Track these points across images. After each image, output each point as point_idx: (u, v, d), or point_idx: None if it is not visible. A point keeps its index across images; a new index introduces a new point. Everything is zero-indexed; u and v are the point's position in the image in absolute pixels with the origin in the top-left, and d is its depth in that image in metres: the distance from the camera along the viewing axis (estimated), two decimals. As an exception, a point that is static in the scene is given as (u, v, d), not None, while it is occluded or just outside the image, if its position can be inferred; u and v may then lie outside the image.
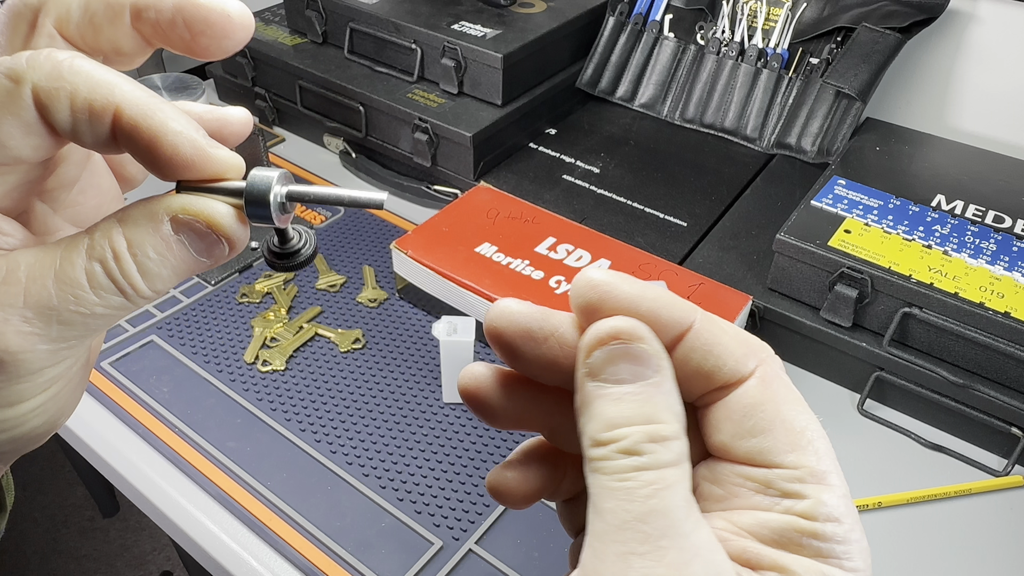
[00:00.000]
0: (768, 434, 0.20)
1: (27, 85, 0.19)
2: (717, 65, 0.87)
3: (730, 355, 0.21)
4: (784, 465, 0.20)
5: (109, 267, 0.20)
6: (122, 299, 0.21)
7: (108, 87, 0.19)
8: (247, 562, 0.52)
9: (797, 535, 0.20)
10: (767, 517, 0.20)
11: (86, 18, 0.21)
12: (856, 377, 0.65)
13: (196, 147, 0.20)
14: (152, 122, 0.20)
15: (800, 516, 0.20)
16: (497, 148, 0.84)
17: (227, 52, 0.22)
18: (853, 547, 0.20)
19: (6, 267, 0.20)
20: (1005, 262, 0.62)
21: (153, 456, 0.58)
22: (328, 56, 0.92)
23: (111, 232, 0.20)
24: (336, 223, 0.81)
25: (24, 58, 0.19)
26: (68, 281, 0.20)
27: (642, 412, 0.20)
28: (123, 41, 0.22)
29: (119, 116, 0.19)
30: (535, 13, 0.89)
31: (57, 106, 0.19)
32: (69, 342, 0.21)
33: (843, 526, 0.20)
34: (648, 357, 0.20)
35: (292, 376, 0.64)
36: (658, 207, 0.78)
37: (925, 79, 0.85)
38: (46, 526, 1.51)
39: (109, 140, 0.20)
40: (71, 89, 0.19)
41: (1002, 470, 0.59)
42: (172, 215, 0.21)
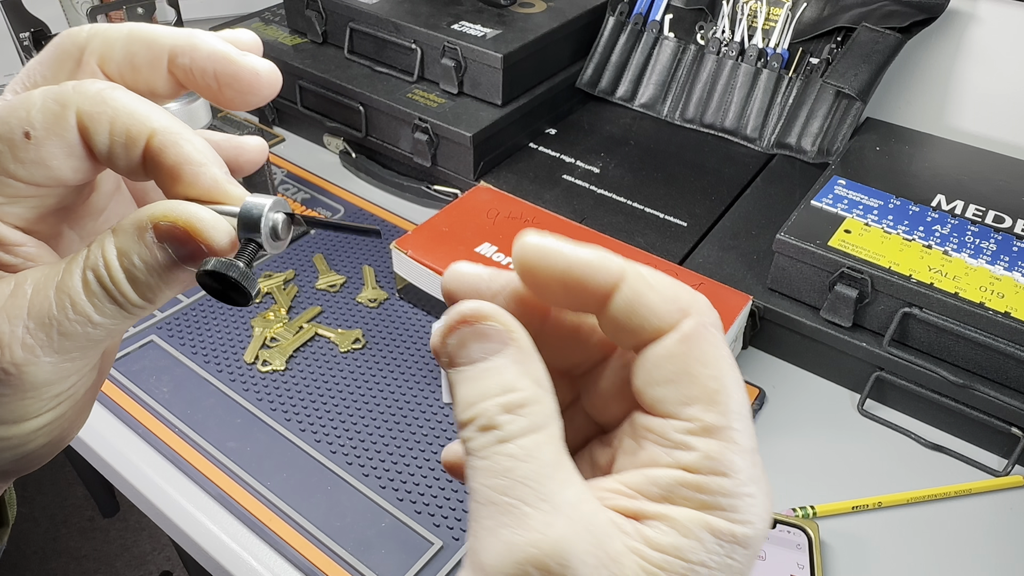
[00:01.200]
0: (672, 384, 0.21)
1: (72, 109, 0.21)
2: (717, 65, 0.87)
3: (653, 312, 0.21)
4: (680, 416, 0.20)
5: (100, 275, 0.21)
6: (116, 307, 0.21)
7: (144, 115, 0.21)
8: (247, 562, 0.52)
9: (680, 488, 0.20)
10: (656, 473, 0.20)
11: (127, 59, 0.23)
12: (856, 377, 0.65)
13: (214, 181, 0.22)
14: (179, 151, 0.21)
15: (685, 469, 0.20)
16: (497, 148, 0.84)
17: (250, 106, 0.24)
18: (742, 501, 0.20)
19: (15, 282, 0.21)
20: (1005, 262, 0.62)
21: (153, 456, 0.58)
22: (328, 56, 0.92)
23: (104, 241, 0.21)
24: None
25: (71, 86, 0.21)
26: (66, 290, 0.21)
27: (497, 385, 0.20)
28: (158, 83, 0.23)
29: (150, 142, 0.21)
30: (535, 13, 0.89)
31: (98, 129, 0.21)
32: (71, 354, 0.21)
33: (732, 480, 0.20)
34: (497, 333, 0.21)
35: (292, 376, 0.64)
36: (658, 207, 0.78)
37: (925, 79, 0.85)
38: (46, 526, 1.51)
39: (139, 166, 0.21)
40: (111, 115, 0.21)
41: (1002, 470, 0.59)
42: (155, 222, 0.21)
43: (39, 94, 0.21)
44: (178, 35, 0.23)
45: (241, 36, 0.25)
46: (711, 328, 0.21)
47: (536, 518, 0.19)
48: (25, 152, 0.21)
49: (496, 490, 0.19)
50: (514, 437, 0.20)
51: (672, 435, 0.20)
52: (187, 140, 0.21)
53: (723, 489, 0.20)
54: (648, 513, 0.20)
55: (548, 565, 0.18)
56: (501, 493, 0.19)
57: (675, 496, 0.20)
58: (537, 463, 0.19)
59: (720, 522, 0.19)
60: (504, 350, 0.21)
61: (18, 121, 0.20)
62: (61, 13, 1.01)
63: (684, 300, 0.21)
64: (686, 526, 0.19)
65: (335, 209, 0.83)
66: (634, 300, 0.21)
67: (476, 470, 0.20)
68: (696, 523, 0.19)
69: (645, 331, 0.21)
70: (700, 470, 0.20)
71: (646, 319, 0.21)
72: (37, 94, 0.21)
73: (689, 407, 0.20)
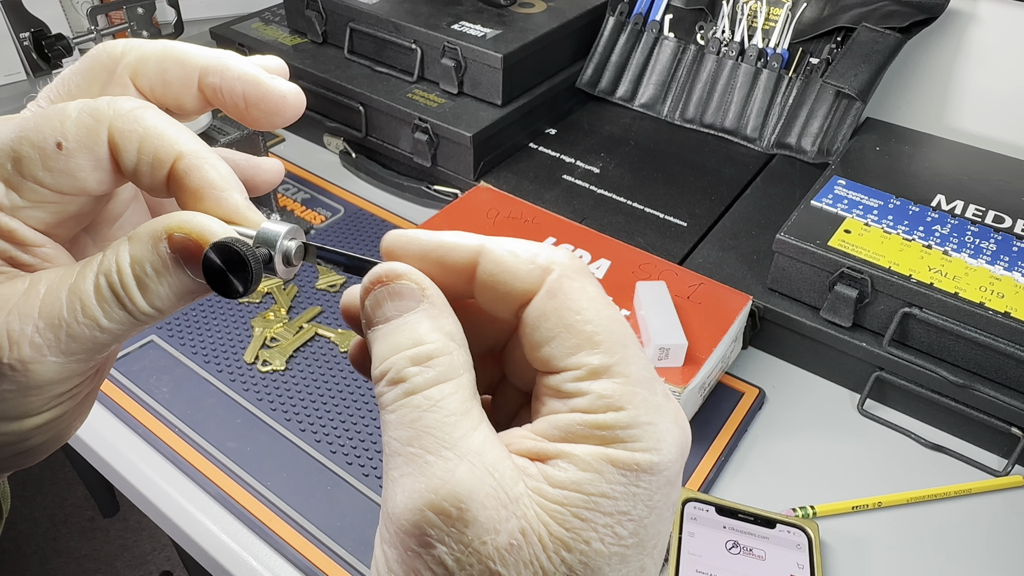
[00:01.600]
0: (554, 341, 0.21)
1: (105, 125, 0.21)
2: (717, 65, 0.87)
3: (516, 276, 0.22)
4: (568, 367, 0.21)
5: (112, 280, 0.21)
6: (125, 313, 0.22)
7: (173, 137, 0.22)
8: (247, 562, 0.52)
9: (579, 428, 0.20)
10: (557, 419, 0.21)
11: (159, 75, 0.24)
12: (856, 377, 0.65)
13: (235, 206, 0.22)
14: (203, 175, 0.22)
15: (582, 411, 0.20)
16: (497, 148, 0.84)
17: (275, 127, 0.25)
18: (641, 430, 0.20)
19: (30, 282, 0.21)
20: (1005, 262, 0.62)
21: (153, 456, 0.58)
22: (328, 56, 0.92)
23: (119, 248, 0.22)
24: (336, 223, 0.81)
25: (105, 101, 0.22)
26: (78, 293, 0.21)
27: (408, 339, 0.21)
28: (187, 100, 0.24)
29: (176, 164, 0.22)
30: (535, 13, 0.89)
31: (127, 147, 0.22)
32: (77, 356, 0.22)
33: (628, 412, 0.20)
34: (409, 291, 0.22)
35: (292, 376, 0.64)
36: (658, 207, 0.78)
37: (925, 79, 0.85)
38: (46, 526, 1.51)
39: (163, 185, 0.22)
40: (142, 134, 0.22)
41: (1002, 470, 0.59)
42: (170, 233, 0.22)
43: (75, 107, 0.21)
44: (210, 55, 0.24)
45: (269, 62, 0.26)
46: (575, 276, 0.22)
47: (438, 465, 0.19)
48: (55, 162, 0.21)
49: (402, 441, 0.20)
50: (421, 388, 0.20)
51: (565, 387, 0.21)
52: (212, 166, 0.22)
53: (619, 422, 0.20)
54: (550, 453, 0.20)
55: (446, 509, 0.19)
56: (407, 444, 0.20)
57: (575, 435, 0.20)
58: (442, 412, 0.20)
59: (620, 453, 0.20)
60: (417, 307, 0.21)
61: (51, 131, 0.21)
62: (61, 13, 1.01)
63: (543, 258, 0.22)
64: (585, 460, 0.20)
65: (335, 209, 0.83)
66: (495, 270, 0.22)
67: (386, 424, 0.20)
68: (595, 456, 0.20)
69: (514, 296, 0.22)
70: (596, 410, 0.20)
71: (511, 284, 0.22)
72: (73, 107, 0.21)
73: (573, 356, 0.21)
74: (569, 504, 0.19)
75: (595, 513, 0.19)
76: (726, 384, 0.65)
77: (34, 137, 0.21)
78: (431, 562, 0.19)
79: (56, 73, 1.03)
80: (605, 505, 0.19)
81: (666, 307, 0.60)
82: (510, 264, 0.22)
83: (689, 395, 0.57)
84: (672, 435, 0.20)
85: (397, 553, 0.20)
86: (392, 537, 0.20)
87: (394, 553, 0.20)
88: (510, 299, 0.22)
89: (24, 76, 1.01)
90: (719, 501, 0.54)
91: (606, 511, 0.19)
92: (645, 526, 0.20)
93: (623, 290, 0.63)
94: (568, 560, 0.19)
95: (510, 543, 0.19)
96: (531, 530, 0.19)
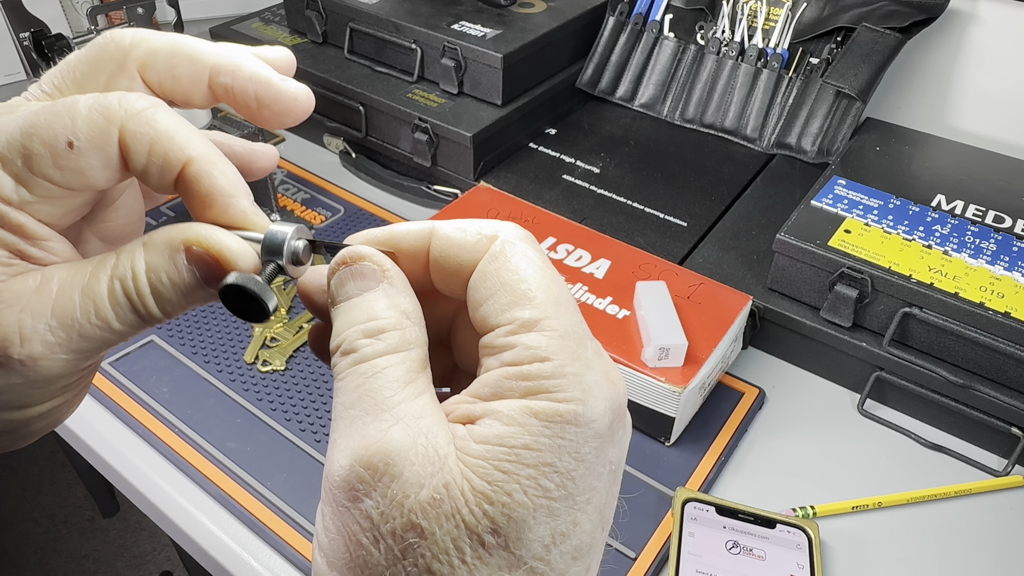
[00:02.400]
0: (491, 299, 0.22)
1: (117, 125, 0.21)
2: (717, 65, 0.87)
3: (463, 249, 0.23)
4: (501, 323, 0.21)
5: (127, 286, 0.22)
6: (136, 317, 0.22)
7: (183, 141, 0.22)
8: (247, 562, 0.52)
9: (507, 381, 0.21)
10: (487, 376, 0.21)
11: (169, 71, 0.24)
12: (856, 377, 0.65)
13: (243, 212, 0.23)
14: (212, 181, 0.22)
15: (509, 364, 0.21)
16: (497, 148, 0.84)
17: (283, 126, 0.25)
18: (565, 380, 0.20)
19: (42, 278, 0.22)
20: (1005, 262, 0.62)
21: (153, 456, 0.58)
22: (328, 56, 0.92)
23: (135, 254, 0.22)
24: (336, 223, 0.81)
25: (116, 100, 0.22)
26: (91, 295, 0.22)
27: (363, 314, 0.22)
28: (196, 96, 0.24)
29: (185, 168, 0.22)
30: (535, 13, 0.89)
31: (138, 149, 0.22)
32: (86, 354, 0.22)
33: (552, 363, 0.20)
34: (370, 271, 0.23)
35: (292, 376, 0.64)
36: (658, 207, 0.78)
37: (925, 79, 0.85)
38: (46, 526, 1.51)
39: (171, 186, 0.23)
40: (153, 136, 0.22)
41: (1002, 470, 0.59)
42: (188, 245, 0.22)
43: (85, 105, 0.21)
44: (221, 54, 0.24)
45: (276, 53, 0.26)
46: (517, 242, 0.23)
47: (373, 426, 0.20)
48: (66, 160, 0.21)
49: (345, 405, 0.21)
50: (369, 358, 0.21)
51: (497, 341, 0.21)
52: (221, 171, 0.22)
53: (543, 372, 0.20)
54: (478, 413, 0.21)
55: (374, 464, 0.19)
56: (349, 407, 0.21)
57: (503, 390, 0.21)
58: (384, 379, 0.21)
59: (542, 404, 0.20)
60: (377, 287, 0.22)
61: (63, 129, 0.21)
62: (61, 13, 1.01)
63: (489, 228, 0.23)
64: (508, 415, 0.20)
65: (335, 209, 0.83)
66: (444, 245, 0.23)
67: (335, 392, 0.21)
68: (518, 410, 0.20)
69: (464, 269, 0.23)
70: (522, 361, 0.21)
71: (460, 257, 0.23)
72: (83, 104, 0.21)
73: (506, 312, 0.21)
74: (491, 458, 0.20)
75: (517, 465, 0.19)
76: (726, 384, 0.65)
77: (45, 134, 0.21)
78: (358, 516, 0.19)
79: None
80: (527, 457, 0.20)
81: (666, 307, 0.60)
82: (458, 239, 0.23)
83: (689, 395, 0.57)
84: (600, 388, 0.21)
85: (331, 509, 0.20)
86: (327, 495, 0.20)
87: (328, 510, 0.20)
88: (461, 273, 0.23)
89: (24, 76, 1.01)
90: (719, 501, 0.54)
91: (529, 463, 0.20)
92: (573, 479, 0.20)
93: (623, 290, 0.63)
94: (490, 512, 0.19)
95: (433, 497, 0.19)
96: (454, 484, 0.19)
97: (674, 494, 0.55)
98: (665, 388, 0.56)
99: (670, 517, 0.54)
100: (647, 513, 0.55)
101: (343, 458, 0.20)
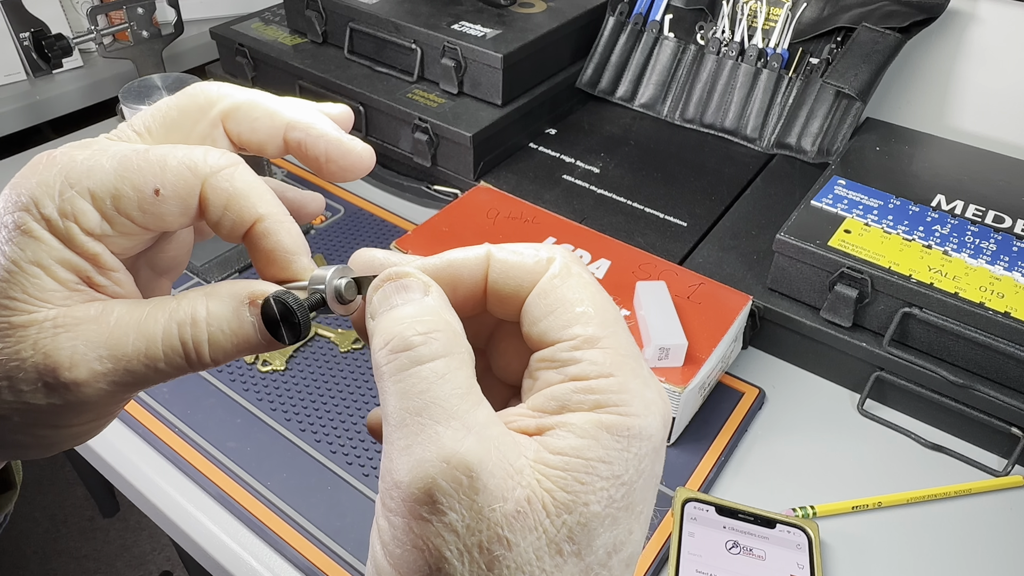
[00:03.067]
0: (551, 315, 0.23)
1: (200, 180, 0.24)
2: (717, 65, 0.87)
3: (524, 268, 0.24)
4: (563, 339, 0.22)
5: (184, 331, 0.23)
6: (184, 362, 0.23)
7: (256, 200, 0.24)
8: (247, 562, 0.52)
9: (573, 394, 0.21)
10: (553, 390, 0.22)
11: (249, 123, 0.26)
12: (856, 377, 0.65)
13: (302, 268, 0.25)
14: (278, 240, 0.24)
15: (575, 378, 0.22)
16: (497, 148, 0.84)
17: (345, 180, 0.27)
18: (629, 395, 0.21)
19: (103, 309, 0.23)
20: (1005, 262, 0.62)
21: (153, 456, 0.58)
22: (328, 56, 0.92)
23: (196, 302, 0.24)
24: (336, 223, 0.81)
25: (202, 154, 0.24)
26: (146, 334, 0.23)
27: (413, 312, 0.22)
28: (270, 147, 0.27)
29: (255, 225, 0.24)
30: (535, 13, 0.89)
31: (215, 203, 0.24)
32: (126, 388, 0.23)
33: (617, 379, 0.21)
34: (416, 285, 0.23)
35: (292, 376, 0.64)
36: (658, 207, 0.78)
37: (925, 79, 0.85)
38: (46, 526, 1.51)
39: (240, 238, 0.24)
40: (231, 193, 0.24)
41: (1002, 470, 0.59)
42: (253, 299, 0.24)
43: (175, 158, 0.23)
44: (296, 111, 0.26)
45: (339, 111, 0.28)
46: (575, 264, 0.24)
47: (447, 435, 0.20)
48: (151, 205, 0.23)
49: (411, 412, 0.20)
50: (427, 359, 0.21)
51: (560, 355, 0.22)
52: (287, 231, 0.24)
53: (611, 387, 0.21)
54: (548, 425, 0.21)
55: (457, 476, 0.19)
56: (415, 415, 0.20)
57: (571, 403, 0.21)
58: (450, 385, 0.21)
59: (612, 418, 0.21)
60: (423, 297, 0.23)
61: (152, 176, 0.23)
62: (61, 13, 1.01)
63: (545, 251, 0.24)
64: (582, 427, 0.21)
65: (335, 209, 0.83)
66: (505, 268, 0.24)
67: (391, 394, 0.21)
68: (590, 423, 0.21)
69: (523, 289, 0.24)
70: (588, 375, 0.21)
71: (521, 278, 0.24)
72: (173, 158, 0.23)
73: (568, 328, 0.22)
74: (570, 469, 0.20)
75: (593, 477, 0.20)
76: (726, 384, 0.65)
77: (136, 179, 0.23)
78: (442, 528, 0.19)
79: (56, 73, 1.03)
80: (602, 469, 0.20)
81: (666, 307, 0.60)
82: (517, 261, 0.24)
83: (689, 395, 0.57)
84: (657, 405, 0.22)
85: (404, 521, 0.20)
86: (399, 506, 0.20)
87: (400, 521, 0.20)
88: (520, 293, 0.24)
89: (24, 76, 1.01)
90: (719, 501, 0.54)
91: (603, 475, 0.20)
92: (635, 490, 0.21)
93: (623, 290, 0.63)
94: (569, 522, 0.20)
95: (517, 510, 0.20)
96: (535, 497, 0.20)
97: (674, 494, 0.55)
98: (665, 388, 0.56)
99: (670, 517, 0.54)
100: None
101: (420, 468, 0.20)
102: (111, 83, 1.04)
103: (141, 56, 0.98)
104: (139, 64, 0.98)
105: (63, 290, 0.23)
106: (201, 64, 1.13)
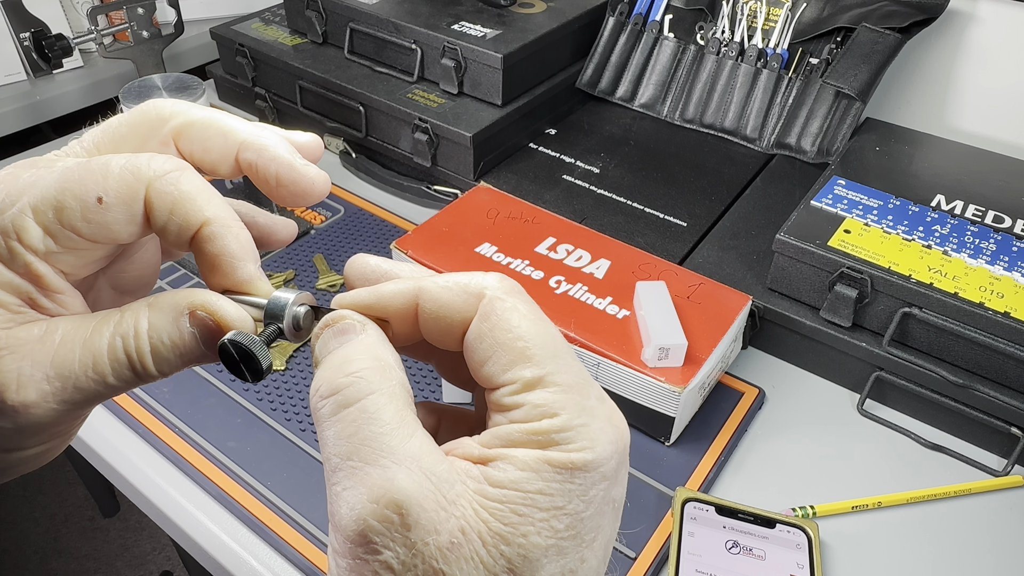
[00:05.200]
0: (491, 360, 0.22)
1: (144, 184, 0.23)
2: (717, 65, 0.87)
3: (452, 309, 0.23)
4: (505, 382, 0.22)
5: (128, 344, 0.23)
6: (131, 374, 0.23)
7: (203, 203, 0.23)
8: (247, 562, 0.52)
9: (518, 435, 0.21)
10: (497, 430, 0.22)
11: (201, 141, 0.26)
12: (856, 377, 0.65)
13: (249, 277, 0.24)
14: (224, 243, 0.23)
15: (519, 422, 0.22)
16: (497, 148, 0.84)
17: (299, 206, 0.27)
18: (575, 432, 0.21)
19: (47, 328, 0.22)
20: (1005, 262, 0.62)
21: (153, 456, 0.58)
22: (328, 56, 0.92)
23: (139, 314, 0.23)
24: (336, 223, 0.81)
25: (146, 160, 0.23)
26: (92, 349, 0.22)
27: (341, 358, 0.22)
28: (223, 167, 0.26)
29: (201, 229, 0.23)
30: (535, 13, 0.89)
31: (160, 207, 0.23)
32: (77, 405, 0.23)
33: (560, 418, 0.21)
34: (350, 327, 0.23)
35: (292, 376, 0.64)
36: (658, 207, 0.78)
37: (925, 79, 0.85)
38: (46, 526, 1.51)
39: (187, 244, 0.24)
40: (176, 197, 0.23)
41: (1002, 470, 0.59)
42: (193, 309, 0.23)
43: (117, 164, 0.23)
44: (251, 133, 0.26)
45: (306, 140, 0.28)
46: (505, 296, 0.23)
47: (376, 474, 0.20)
48: (95, 215, 0.22)
49: (342, 456, 0.21)
50: (353, 400, 0.21)
51: (504, 400, 0.22)
52: (234, 236, 0.24)
53: (554, 427, 0.21)
54: (492, 456, 0.21)
55: (388, 515, 0.20)
56: (346, 459, 0.21)
57: (515, 442, 0.21)
58: (377, 424, 0.21)
59: (556, 454, 0.21)
60: (355, 338, 0.23)
61: (94, 185, 0.22)
62: (61, 13, 1.01)
63: (474, 285, 0.23)
64: (524, 460, 0.21)
65: (335, 209, 0.83)
66: (433, 307, 0.24)
67: (325, 441, 0.21)
68: (533, 458, 0.21)
69: (455, 327, 0.23)
70: (531, 419, 0.21)
71: (450, 317, 0.23)
72: (115, 164, 0.23)
73: (509, 371, 0.22)
74: (508, 501, 0.20)
75: (532, 509, 0.20)
76: (726, 384, 0.65)
77: (78, 189, 0.22)
78: (379, 567, 0.20)
79: (56, 73, 1.03)
80: (541, 501, 0.21)
81: (666, 307, 0.60)
82: (446, 299, 0.23)
83: (689, 395, 0.57)
84: (606, 434, 0.22)
85: (348, 562, 0.20)
86: (341, 547, 0.20)
87: (345, 563, 0.21)
88: (453, 330, 0.23)
89: (24, 76, 1.01)
90: (719, 501, 0.54)
91: (543, 507, 0.20)
92: (582, 520, 0.21)
93: (623, 290, 0.63)
94: (507, 553, 0.20)
95: (451, 541, 0.20)
96: (470, 528, 0.20)
97: (674, 494, 0.55)
98: (665, 388, 0.56)
99: (670, 517, 0.54)
100: (647, 513, 0.55)
101: (352, 511, 0.20)
102: (111, 83, 1.04)
103: (141, 56, 0.98)
104: (139, 64, 0.98)
105: (5, 313, 0.22)
106: (201, 64, 1.13)
